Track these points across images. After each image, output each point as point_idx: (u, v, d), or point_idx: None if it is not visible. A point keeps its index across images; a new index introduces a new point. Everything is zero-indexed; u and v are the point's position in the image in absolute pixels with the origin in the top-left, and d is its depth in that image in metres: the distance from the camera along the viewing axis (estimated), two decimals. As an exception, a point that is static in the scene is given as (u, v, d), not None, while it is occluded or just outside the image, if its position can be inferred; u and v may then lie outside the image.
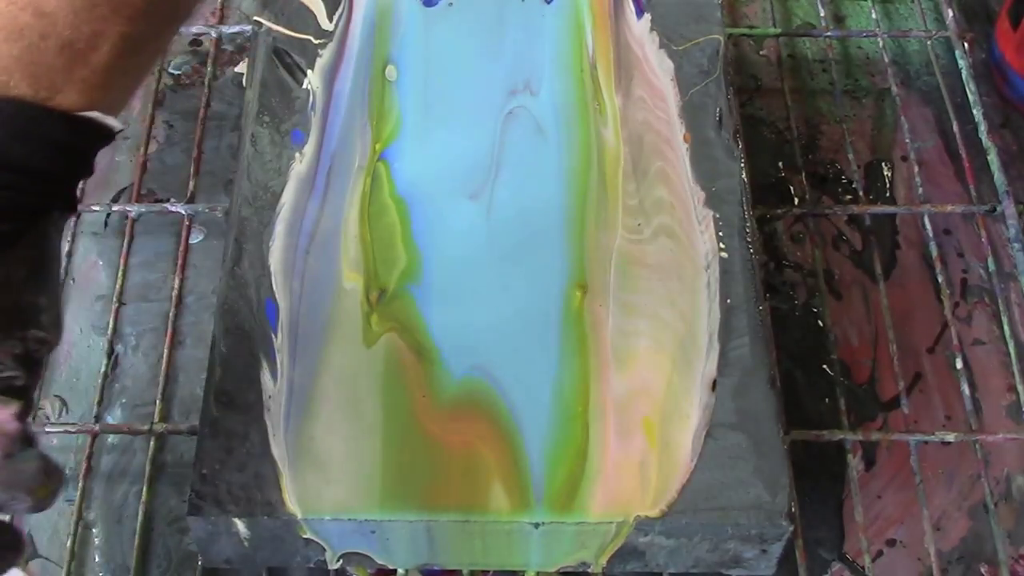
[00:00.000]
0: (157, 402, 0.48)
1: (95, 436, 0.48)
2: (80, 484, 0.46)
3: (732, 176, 0.48)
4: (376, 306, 0.44)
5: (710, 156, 0.48)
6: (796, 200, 0.55)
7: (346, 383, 0.42)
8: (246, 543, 0.41)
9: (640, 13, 0.52)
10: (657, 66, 0.51)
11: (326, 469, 0.40)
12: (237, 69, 0.60)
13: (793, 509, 0.41)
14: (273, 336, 0.43)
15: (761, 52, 0.61)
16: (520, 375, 0.42)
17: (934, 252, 0.52)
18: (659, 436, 0.41)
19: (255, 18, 0.52)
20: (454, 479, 0.40)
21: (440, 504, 0.40)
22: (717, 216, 0.46)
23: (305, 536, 0.40)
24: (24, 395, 0.32)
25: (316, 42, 0.51)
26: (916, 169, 0.55)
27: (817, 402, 0.50)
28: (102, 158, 0.58)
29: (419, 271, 0.45)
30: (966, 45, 0.58)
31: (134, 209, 0.53)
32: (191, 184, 0.53)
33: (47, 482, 0.31)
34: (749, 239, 0.46)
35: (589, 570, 0.42)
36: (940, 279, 0.52)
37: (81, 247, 0.54)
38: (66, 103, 0.33)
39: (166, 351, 0.49)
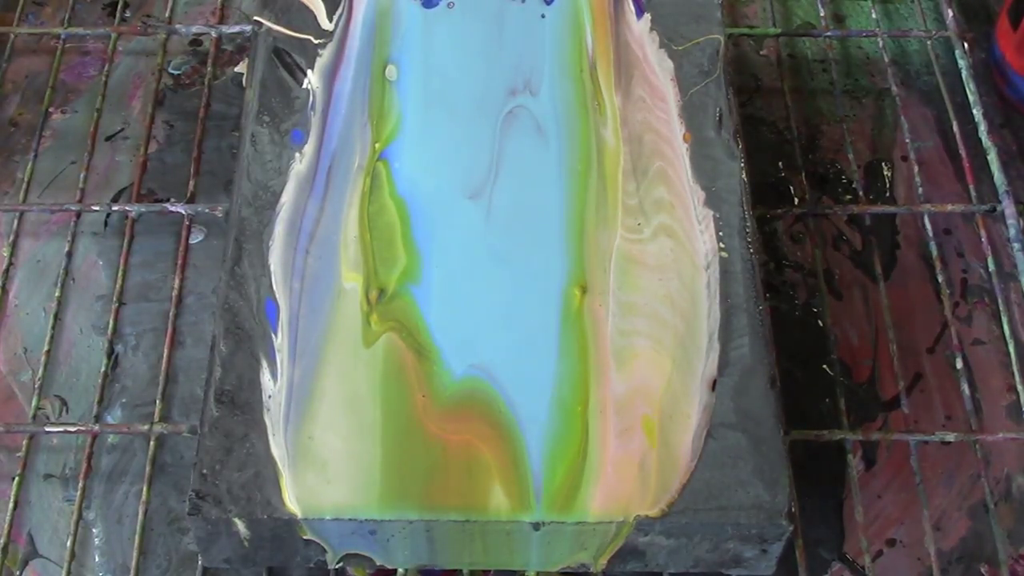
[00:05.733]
0: (157, 402, 0.48)
1: (95, 436, 0.48)
2: (80, 484, 0.46)
3: (732, 176, 0.48)
4: (376, 306, 0.44)
5: (710, 156, 0.48)
6: (796, 200, 0.55)
7: (346, 383, 0.42)
8: (246, 543, 0.41)
9: (640, 13, 0.53)
10: (657, 66, 0.51)
11: (326, 469, 0.40)
12: (237, 69, 0.60)
13: (793, 509, 0.41)
14: (273, 336, 0.43)
15: (761, 52, 0.61)
16: (520, 375, 0.42)
17: (934, 252, 0.52)
18: (659, 436, 0.41)
19: (255, 18, 0.52)
20: (454, 479, 0.40)
21: (440, 504, 0.40)
22: (717, 216, 0.46)
23: (305, 536, 0.40)
24: None
25: (316, 42, 0.51)
26: (916, 169, 0.55)
27: (817, 402, 0.50)
28: (102, 158, 0.58)
29: (419, 271, 0.45)
30: (966, 45, 0.58)
31: (134, 209, 0.53)
32: (191, 184, 0.53)
33: None
34: (749, 239, 0.46)
35: (589, 570, 0.42)
36: (940, 279, 0.52)
37: (81, 247, 0.54)
38: None
39: (166, 351, 0.49)
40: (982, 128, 0.55)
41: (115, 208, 0.53)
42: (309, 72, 0.50)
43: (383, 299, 0.44)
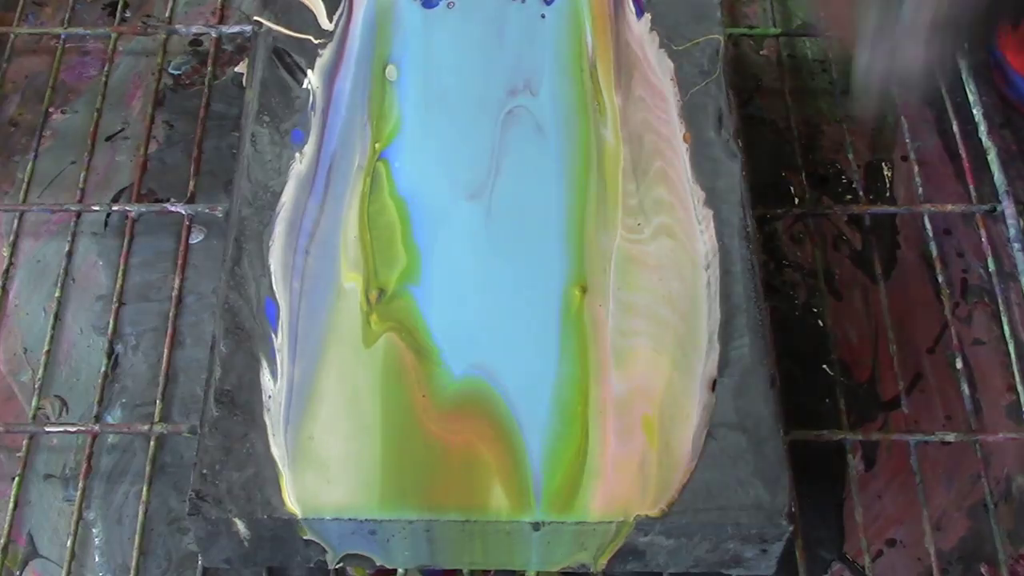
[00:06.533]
0: (157, 402, 0.48)
1: (95, 436, 0.48)
2: (80, 484, 0.46)
3: (732, 176, 0.48)
4: (376, 306, 0.44)
5: (710, 156, 0.48)
6: (796, 200, 0.55)
7: (346, 383, 0.42)
8: (246, 543, 0.41)
9: (640, 13, 0.52)
10: (657, 66, 0.51)
11: (326, 469, 0.40)
12: (237, 69, 0.60)
13: (793, 509, 0.41)
14: (273, 336, 0.43)
15: (761, 52, 0.61)
16: (520, 375, 0.42)
17: (934, 252, 0.52)
18: (659, 436, 0.41)
19: (255, 18, 0.52)
20: (454, 479, 0.40)
21: (440, 504, 0.40)
22: (717, 216, 0.46)
23: (305, 536, 0.40)
24: None
25: (316, 42, 0.51)
26: (916, 169, 0.55)
27: (817, 402, 0.50)
28: (102, 158, 0.58)
29: (419, 271, 0.45)
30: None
31: (134, 209, 0.53)
32: (191, 184, 0.53)
33: None
34: (749, 239, 0.46)
35: (589, 570, 0.42)
36: (940, 279, 0.52)
37: (81, 247, 0.54)
38: None
39: (166, 351, 0.49)
40: (982, 128, 0.55)
41: (115, 208, 0.53)
42: (309, 72, 0.50)
43: (383, 299, 0.44)
